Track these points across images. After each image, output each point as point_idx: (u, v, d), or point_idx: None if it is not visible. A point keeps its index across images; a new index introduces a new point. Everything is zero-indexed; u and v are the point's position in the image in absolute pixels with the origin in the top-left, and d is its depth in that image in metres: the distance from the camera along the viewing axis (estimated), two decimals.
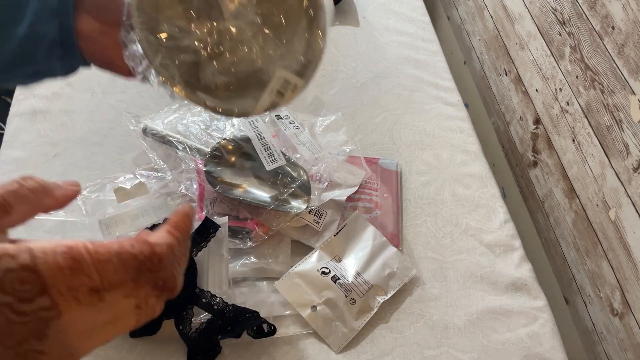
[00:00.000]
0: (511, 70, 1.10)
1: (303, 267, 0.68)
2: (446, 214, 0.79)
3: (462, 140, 0.89)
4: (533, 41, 1.01)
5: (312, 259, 0.69)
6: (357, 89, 0.96)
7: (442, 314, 0.68)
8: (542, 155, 1.00)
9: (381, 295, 0.67)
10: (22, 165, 0.76)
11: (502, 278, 0.72)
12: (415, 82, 0.98)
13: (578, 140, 0.88)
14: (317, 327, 0.65)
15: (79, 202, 0.66)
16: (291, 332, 0.65)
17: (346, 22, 1.09)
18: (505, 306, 0.70)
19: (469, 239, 0.76)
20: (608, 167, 0.80)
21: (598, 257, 0.84)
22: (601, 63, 0.81)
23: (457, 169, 0.85)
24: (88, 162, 0.78)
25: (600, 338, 0.85)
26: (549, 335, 0.68)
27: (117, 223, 0.66)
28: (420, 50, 1.06)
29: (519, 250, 0.76)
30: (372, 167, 0.81)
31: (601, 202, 0.82)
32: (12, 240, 0.28)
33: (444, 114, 0.93)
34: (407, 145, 0.87)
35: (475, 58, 1.29)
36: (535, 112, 1.01)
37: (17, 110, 0.84)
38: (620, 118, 0.77)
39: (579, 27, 0.86)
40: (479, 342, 0.66)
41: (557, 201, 0.95)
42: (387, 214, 0.76)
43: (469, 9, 1.31)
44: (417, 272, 0.71)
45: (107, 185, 0.68)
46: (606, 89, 0.80)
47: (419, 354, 0.65)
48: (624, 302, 0.78)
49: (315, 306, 0.65)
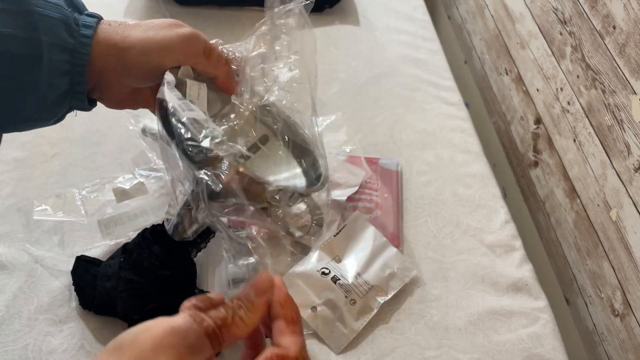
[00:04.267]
0: (512, 70, 1.10)
1: (303, 267, 0.68)
2: (447, 214, 0.78)
3: (463, 140, 0.89)
4: (534, 40, 1.01)
5: (312, 260, 0.69)
6: (357, 88, 0.96)
7: (442, 314, 0.68)
8: (543, 155, 1.00)
9: (381, 295, 0.67)
10: (20, 165, 0.76)
11: (503, 278, 0.72)
12: (415, 81, 0.98)
13: (579, 140, 0.88)
14: (317, 327, 0.64)
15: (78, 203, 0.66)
16: None
17: (346, 22, 1.09)
18: (506, 307, 0.69)
19: (469, 239, 0.76)
20: (609, 167, 0.80)
21: (599, 258, 0.84)
22: (602, 63, 0.80)
23: (458, 169, 0.85)
24: (87, 162, 0.78)
25: (601, 339, 0.85)
26: (549, 335, 0.67)
27: (116, 223, 0.66)
28: (420, 49, 1.05)
29: (519, 251, 0.76)
30: (372, 167, 0.80)
31: (602, 202, 0.82)
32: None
33: (445, 113, 0.93)
34: (407, 145, 0.87)
35: (475, 57, 1.28)
36: (536, 112, 1.01)
37: None
38: (622, 118, 0.77)
39: (580, 26, 0.86)
40: (479, 343, 0.66)
41: (558, 201, 0.95)
42: (388, 214, 0.76)
43: (469, 8, 1.30)
44: (418, 273, 0.71)
45: (106, 185, 0.68)
46: (607, 89, 0.80)
47: (419, 355, 0.65)
48: (625, 303, 0.78)
49: (315, 307, 0.65)
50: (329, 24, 1.07)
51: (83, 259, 0.64)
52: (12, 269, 0.65)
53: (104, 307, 0.62)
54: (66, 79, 0.44)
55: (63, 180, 0.75)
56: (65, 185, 0.73)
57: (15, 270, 0.65)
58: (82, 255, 0.64)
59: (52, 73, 0.42)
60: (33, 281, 0.64)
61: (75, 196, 0.67)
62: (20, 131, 0.50)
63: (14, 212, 0.70)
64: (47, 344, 0.60)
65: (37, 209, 0.64)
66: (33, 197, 0.70)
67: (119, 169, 0.75)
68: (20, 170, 0.75)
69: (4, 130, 0.50)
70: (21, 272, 0.65)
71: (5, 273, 0.65)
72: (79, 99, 0.46)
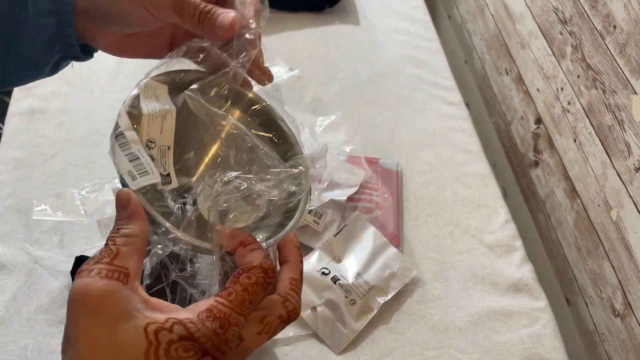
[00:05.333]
0: (512, 70, 1.10)
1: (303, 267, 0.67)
2: (447, 214, 0.78)
3: (463, 140, 0.89)
4: (534, 40, 1.01)
5: (312, 260, 0.69)
6: (357, 88, 0.96)
7: (442, 314, 0.68)
8: (543, 155, 1.00)
9: (381, 296, 0.67)
10: (20, 165, 0.76)
11: (503, 279, 0.72)
12: (415, 81, 0.98)
13: (579, 140, 0.88)
14: (317, 328, 0.64)
15: (78, 203, 0.66)
16: (291, 333, 0.64)
17: (346, 22, 1.09)
18: (506, 307, 0.69)
19: (469, 239, 0.76)
20: (609, 167, 0.80)
21: (599, 258, 0.84)
22: (602, 62, 0.80)
23: (458, 169, 0.84)
24: (86, 162, 0.78)
25: (602, 339, 0.84)
26: (550, 336, 0.67)
27: None
28: (421, 49, 1.05)
29: (520, 251, 0.75)
30: (372, 167, 0.80)
31: (602, 202, 0.82)
32: (147, 300, 0.33)
33: (445, 113, 0.93)
34: (407, 145, 0.87)
35: (476, 57, 1.28)
36: (537, 112, 1.01)
37: (16, 109, 0.83)
38: (622, 118, 0.76)
39: (580, 26, 0.86)
40: (479, 343, 0.66)
41: (559, 201, 0.95)
42: (388, 214, 0.76)
43: (469, 8, 1.30)
44: (418, 273, 0.71)
45: (106, 185, 0.68)
46: (607, 89, 0.80)
47: (419, 355, 0.64)
48: (626, 303, 0.78)
49: (316, 307, 0.65)
50: (329, 24, 1.07)
51: (83, 259, 0.64)
52: (11, 269, 0.65)
53: None
54: (52, 19, 0.43)
55: (63, 180, 0.75)
56: (64, 185, 0.73)
57: (15, 270, 0.65)
58: (81, 255, 0.64)
59: (37, 13, 0.42)
60: (32, 281, 0.64)
61: (75, 196, 0.66)
62: (16, 84, 0.49)
63: (14, 212, 0.70)
64: (47, 344, 0.60)
65: (37, 209, 0.64)
66: (33, 197, 0.69)
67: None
68: (20, 170, 0.75)
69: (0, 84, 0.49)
70: (21, 272, 0.65)
71: (5, 273, 0.65)
72: (70, 44, 0.45)
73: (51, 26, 0.44)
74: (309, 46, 1.02)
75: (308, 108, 0.90)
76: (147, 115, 0.46)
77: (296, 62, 0.96)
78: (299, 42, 1.02)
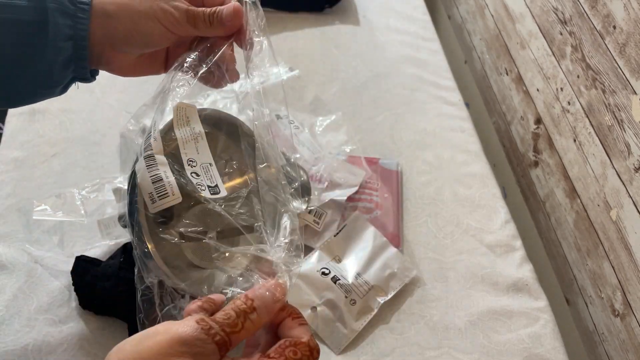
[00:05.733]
0: (512, 70, 1.10)
1: (303, 267, 0.68)
2: (447, 214, 0.78)
3: (463, 140, 0.89)
4: (534, 40, 1.01)
5: (311, 260, 0.69)
6: (357, 88, 0.96)
7: (442, 314, 0.68)
8: (543, 155, 1.00)
9: (381, 296, 0.67)
10: (20, 165, 0.76)
11: (503, 278, 0.72)
12: (415, 81, 0.98)
13: (579, 140, 0.88)
14: (317, 328, 0.64)
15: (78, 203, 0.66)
16: None
17: (346, 22, 1.09)
18: (506, 307, 0.69)
19: (469, 239, 0.76)
20: (609, 167, 0.80)
21: (599, 258, 0.84)
22: (602, 62, 0.80)
23: (458, 168, 0.84)
24: (87, 162, 0.78)
25: (602, 339, 0.85)
26: (550, 336, 0.67)
27: (116, 223, 0.65)
28: (420, 49, 1.05)
29: (519, 251, 0.75)
30: (372, 167, 0.80)
31: (602, 202, 0.82)
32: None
33: (445, 113, 0.93)
34: (407, 145, 0.87)
35: (476, 57, 1.28)
36: (537, 112, 1.01)
37: (16, 109, 0.84)
38: (622, 118, 0.77)
39: (580, 26, 0.86)
40: (479, 343, 0.66)
41: (558, 201, 0.95)
42: (388, 214, 0.76)
43: (469, 8, 1.30)
44: (418, 273, 0.71)
45: (106, 185, 0.68)
46: (607, 89, 0.80)
47: (419, 355, 0.64)
48: (626, 303, 0.78)
49: (315, 307, 0.65)
50: (329, 24, 1.07)
51: (83, 259, 0.64)
52: (12, 269, 0.65)
53: (103, 307, 0.62)
54: (69, 44, 0.47)
55: (63, 180, 0.75)
56: (65, 185, 0.73)
57: (15, 270, 0.65)
58: (81, 255, 0.64)
59: (57, 36, 0.46)
60: (33, 281, 0.64)
61: (75, 196, 0.66)
62: (29, 102, 0.52)
63: (14, 212, 0.70)
64: (47, 344, 0.60)
65: (37, 209, 0.64)
66: (33, 197, 0.69)
67: (119, 169, 0.75)
68: (20, 170, 0.75)
69: (15, 102, 0.53)
70: (21, 272, 0.65)
71: (5, 273, 0.65)
72: (82, 66, 0.49)
73: (68, 49, 0.47)
74: (309, 46, 1.02)
75: (308, 108, 0.90)
76: (181, 139, 0.49)
77: (296, 62, 0.96)
78: (299, 42, 1.02)
